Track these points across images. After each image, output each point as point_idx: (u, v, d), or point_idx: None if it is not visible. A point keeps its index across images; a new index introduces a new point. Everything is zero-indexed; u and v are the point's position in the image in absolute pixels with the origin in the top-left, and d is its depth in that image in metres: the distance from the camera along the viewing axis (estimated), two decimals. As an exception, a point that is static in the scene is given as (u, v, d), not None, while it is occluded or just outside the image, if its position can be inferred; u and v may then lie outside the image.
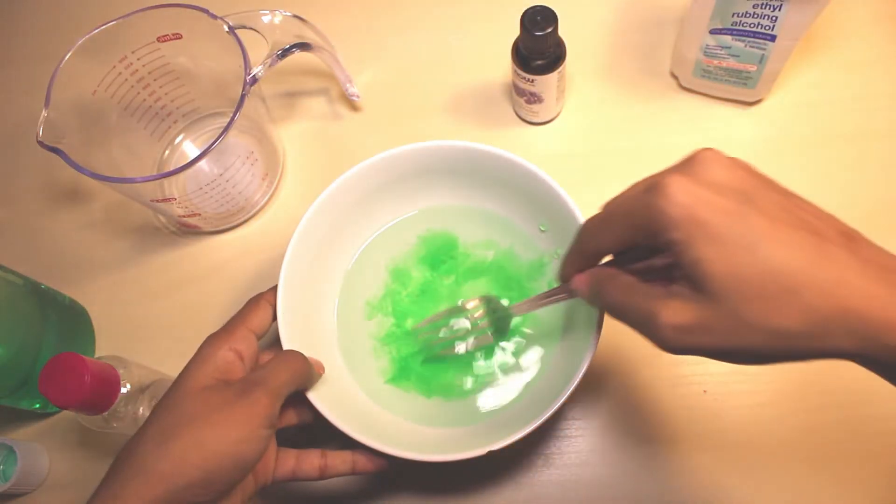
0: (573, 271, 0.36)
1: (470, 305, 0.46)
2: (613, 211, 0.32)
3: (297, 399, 0.41)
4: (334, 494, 0.48)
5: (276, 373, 0.38)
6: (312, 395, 0.41)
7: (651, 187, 0.29)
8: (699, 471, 0.46)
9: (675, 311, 0.29)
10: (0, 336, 0.45)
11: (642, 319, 0.31)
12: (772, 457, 0.46)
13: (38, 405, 0.50)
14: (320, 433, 0.42)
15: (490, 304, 0.46)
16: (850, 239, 0.29)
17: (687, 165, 0.30)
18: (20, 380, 0.47)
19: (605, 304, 0.34)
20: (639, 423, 0.48)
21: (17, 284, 0.48)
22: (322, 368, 0.43)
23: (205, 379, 0.37)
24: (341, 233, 0.49)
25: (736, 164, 0.30)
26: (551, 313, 0.47)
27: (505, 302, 0.47)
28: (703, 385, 0.48)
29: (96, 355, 0.54)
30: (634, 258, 0.34)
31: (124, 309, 0.55)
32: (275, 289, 0.44)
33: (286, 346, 0.43)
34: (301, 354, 0.40)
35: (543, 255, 0.49)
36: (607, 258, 0.35)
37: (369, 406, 0.46)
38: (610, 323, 0.40)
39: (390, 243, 0.51)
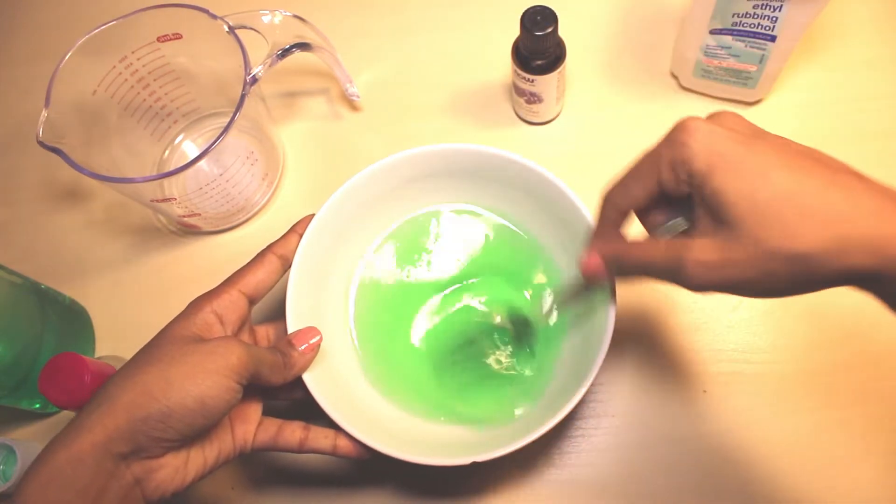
0: (601, 245, 0.37)
1: (495, 319, 0.47)
2: (639, 160, 0.34)
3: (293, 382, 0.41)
4: (332, 486, 0.48)
5: (262, 350, 0.39)
6: (307, 376, 0.41)
7: (674, 130, 0.32)
8: (699, 471, 0.46)
9: (700, 249, 0.31)
10: (2, 336, 0.45)
11: (669, 266, 0.32)
12: (772, 457, 0.46)
13: (38, 405, 0.50)
14: (318, 416, 0.42)
15: (512, 315, 0.46)
16: (858, 173, 0.30)
17: (706, 117, 0.32)
18: (20, 379, 0.47)
19: (630, 268, 0.35)
20: (639, 424, 0.48)
21: (17, 284, 0.48)
22: (315, 337, 0.42)
23: (183, 331, 0.38)
24: (358, 225, 0.48)
25: (745, 120, 0.33)
26: (557, 325, 0.47)
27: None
28: (703, 385, 0.48)
29: (96, 355, 0.54)
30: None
31: (124, 309, 0.55)
32: (285, 238, 0.44)
33: (289, 318, 0.43)
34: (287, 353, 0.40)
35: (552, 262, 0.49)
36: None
37: (368, 392, 0.46)
38: (615, 327, 0.40)
39: (406, 236, 0.51)
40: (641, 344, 0.49)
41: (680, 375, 0.49)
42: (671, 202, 0.34)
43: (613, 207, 0.36)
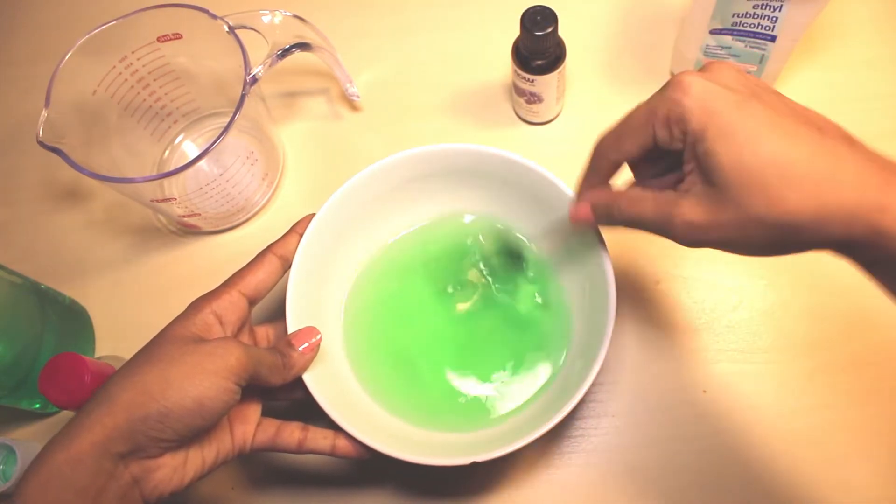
0: (592, 193, 0.38)
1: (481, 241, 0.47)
2: (633, 113, 0.34)
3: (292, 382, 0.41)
4: (332, 486, 0.48)
5: (261, 351, 0.39)
6: (307, 376, 0.41)
7: (669, 84, 0.32)
8: (699, 471, 0.46)
9: (687, 208, 0.32)
10: (2, 336, 0.45)
11: (658, 221, 0.33)
12: (772, 457, 0.46)
13: (38, 405, 0.50)
14: (318, 417, 0.42)
15: (500, 238, 0.46)
16: (848, 138, 0.31)
17: (702, 70, 0.33)
18: (20, 379, 0.47)
19: (620, 218, 0.36)
20: (639, 424, 0.48)
21: (17, 284, 0.48)
22: (314, 338, 0.42)
23: (183, 331, 0.37)
24: (359, 225, 0.48)
25: (746, 73, 0.33)
26: (559, 322, 0.47)
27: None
28: (702, 385, 0.48)
29: (96, 355, 0.54)
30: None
31: (124, 309, 0.55)
32: (284, 239, 0.44)
33: (289, 318, 0.43)
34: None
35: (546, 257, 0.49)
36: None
37: (366, 400, 0.46)
38: (615, 327, 0.41)
39: (406, 236, 0.51)
40: (642, 344, 0.49)
41: (680, 375, 0.49)
42: (662, 153, 0.35)
43: (605, 159, 0.36)
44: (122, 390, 0.34)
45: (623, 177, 0.38)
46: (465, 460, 0.39)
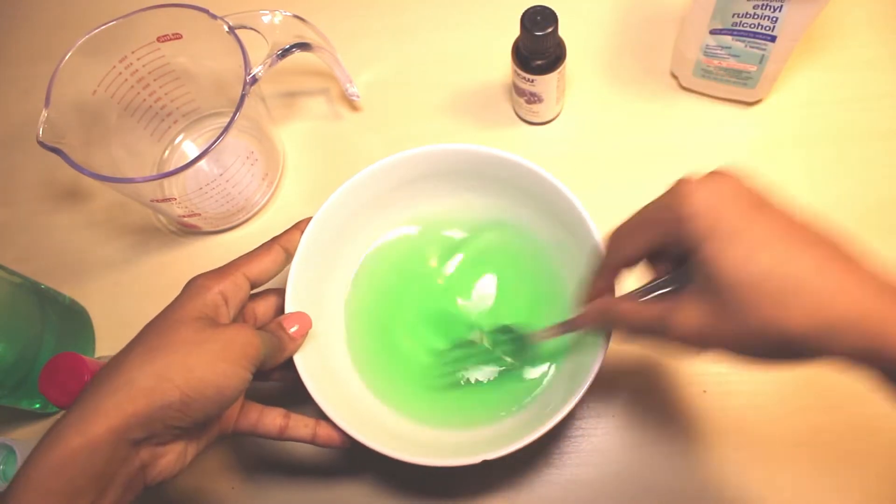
0: (602, 286, 0.38)
1: (484, 337, 0.47)
2: (642, 212, 0.34)
3: (286, 363, 0.41)
4: (332, 486, 0.48)
5: (270, 337, 0.39)
6: (298, 358, 0.41)
7: (677, 187, 0.31)
8: (699, 471, 0.46)
9: (686, 316, 0.31)
10: (2, 336, 0.45)
11: (654, 328, 0.33)
12: (772, 457, 0.46)
13: (38, 405, 0.50)
14: (303, 402, 0.42)
15: (508, 333, 0.46)
16: (851, 259, 0.30)
17: (709, 175, 0.32)
18: (20, 379, 0.47)
19: (620, 326, 0.36)
20: (639, 424, 0.48)
21: (17, 284, 0.48)
22: (305, 324, 0.42)
23: (195, 311, 0.37)
24: (359, 225, 0.48)
25: (751, 182, 0.32)
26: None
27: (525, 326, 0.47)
28: (703, 385, 0.48)
29: (96, 355, 0.54)
30: (647, 290, 0.36)
31: (124, 309, 0.55)
32: (289, 233, 0.44)
33: (289, 305, 0.43)
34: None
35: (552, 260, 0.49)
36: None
37: (364, 393, 0.46)
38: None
39: (406, 237, 0.51)
40: (641, 344, 0.49)
41: (680, 375, 0.49)
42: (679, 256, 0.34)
43: (617, 253, 0.36)
44: (143, 375, 0.33)
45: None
46: (464, 460, 0.39)
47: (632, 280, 0.38)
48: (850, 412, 0.47)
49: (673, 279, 0.35)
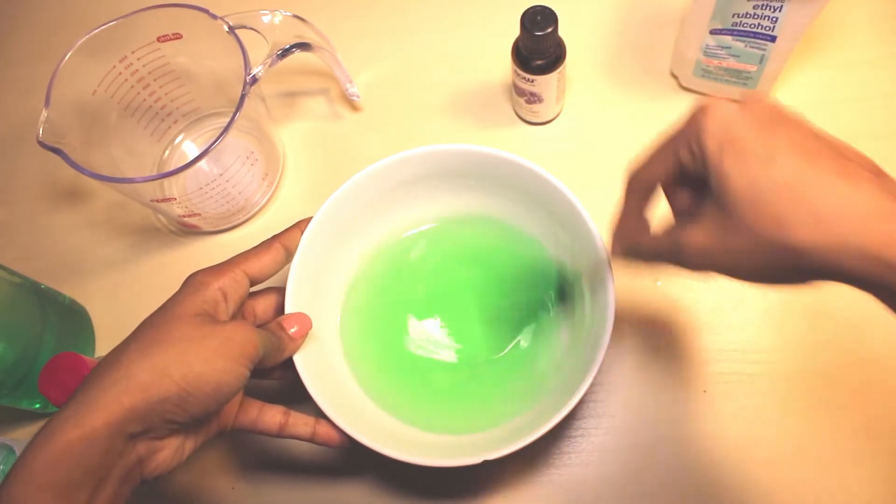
0: (631, 221, 0.36)
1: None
2: (662, 136, 0.33)
3: (286, 362, 0.41)
4: (332, 486, 0.48)
5: (268, 335, 0.39)
6: (298, 358, 0.41)
7: (696, 107, 0.31)
8: (699, 471, 0.46)
9: (695, 232, 0.31)
10: (2, 336, 0.45)
11: (672, 252, 0.33)
12: (772, 457, 0.46)
13: (38, 405, 0.50)
14: (303, 401, 0.42)
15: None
16: (877, 173, 0.29)
17: (738, 101, 0.31)
18: (20, 379, 0.47)
19: (641, 256, 0.36)
20: (639, 424, 0.48)
21: (17, 284, 0.48)
22: (305, 326, 0.42)
23: (194, 308, 0.37)
24: (359, 225, 0.48)
25: (782, 107, 0.31)
26: (555, 326, 0.47)
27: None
28: (703, 385, 0.48)
29: (96, 355, 0.54)
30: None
31: (124, 309, 0.55)
32: (289, 231, 0.43)
33: (289, 308, 0.43)
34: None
35: (550, 261, 0.49)
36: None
37: (361, 396, 0.46)
38: (615, 326, 0.40)
39: (405, 240, 0.51)
40: (641, 344, 0.49)
41: (680, 375, 0.49)
42: (698, 182, 0.33)
43: (636, 180, 0.35)
44: (141, 370, 0.33)
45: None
46: (465, 461, 0.39)
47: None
48: (851, 413, 0.47)
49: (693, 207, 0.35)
